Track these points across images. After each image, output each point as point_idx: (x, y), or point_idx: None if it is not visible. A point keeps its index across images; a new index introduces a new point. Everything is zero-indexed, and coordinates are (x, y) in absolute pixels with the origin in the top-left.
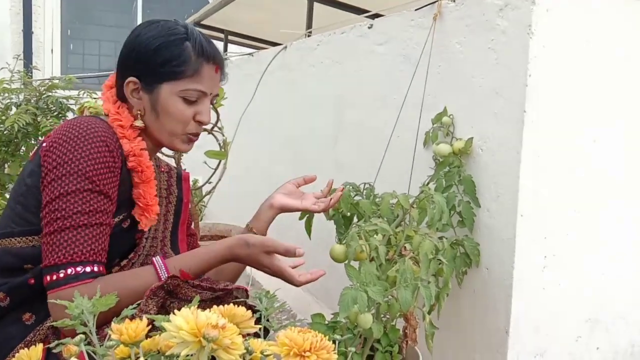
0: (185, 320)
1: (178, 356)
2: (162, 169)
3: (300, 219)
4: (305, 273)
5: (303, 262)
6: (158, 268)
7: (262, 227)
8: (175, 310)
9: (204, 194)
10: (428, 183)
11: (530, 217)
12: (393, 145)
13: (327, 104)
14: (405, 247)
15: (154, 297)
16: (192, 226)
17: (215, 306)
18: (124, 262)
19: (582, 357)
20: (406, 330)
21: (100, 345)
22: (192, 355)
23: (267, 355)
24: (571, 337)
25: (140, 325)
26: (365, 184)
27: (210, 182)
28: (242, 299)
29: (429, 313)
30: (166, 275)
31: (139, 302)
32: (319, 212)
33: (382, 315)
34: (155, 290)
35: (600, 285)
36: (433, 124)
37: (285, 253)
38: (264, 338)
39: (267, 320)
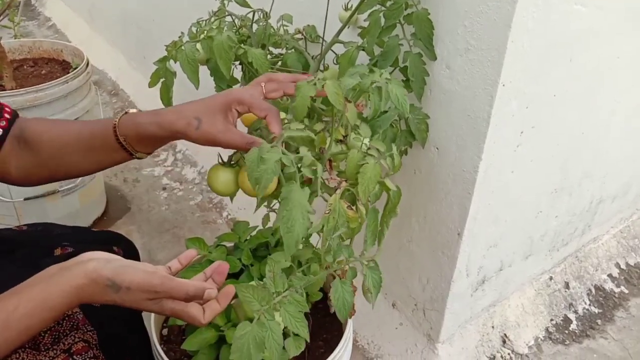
0: None
1: None
2: None
3: (152, 85)
4: (214, 301)
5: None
6: None
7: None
8: None
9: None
10: (354, 12)
11: (516, 83)
12: None
13: None
14: (331, 164)
15: None
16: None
17: None
18: None
19: (538, 231)
20: None
21: None
22: None
23: None
24: (531, 214)
25: None
26: (257, 10)
27: None
28: None
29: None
30: None
31: None
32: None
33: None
34: None
35: (577, 144)
36: None
37: (187, 299)
38: None
39: None
